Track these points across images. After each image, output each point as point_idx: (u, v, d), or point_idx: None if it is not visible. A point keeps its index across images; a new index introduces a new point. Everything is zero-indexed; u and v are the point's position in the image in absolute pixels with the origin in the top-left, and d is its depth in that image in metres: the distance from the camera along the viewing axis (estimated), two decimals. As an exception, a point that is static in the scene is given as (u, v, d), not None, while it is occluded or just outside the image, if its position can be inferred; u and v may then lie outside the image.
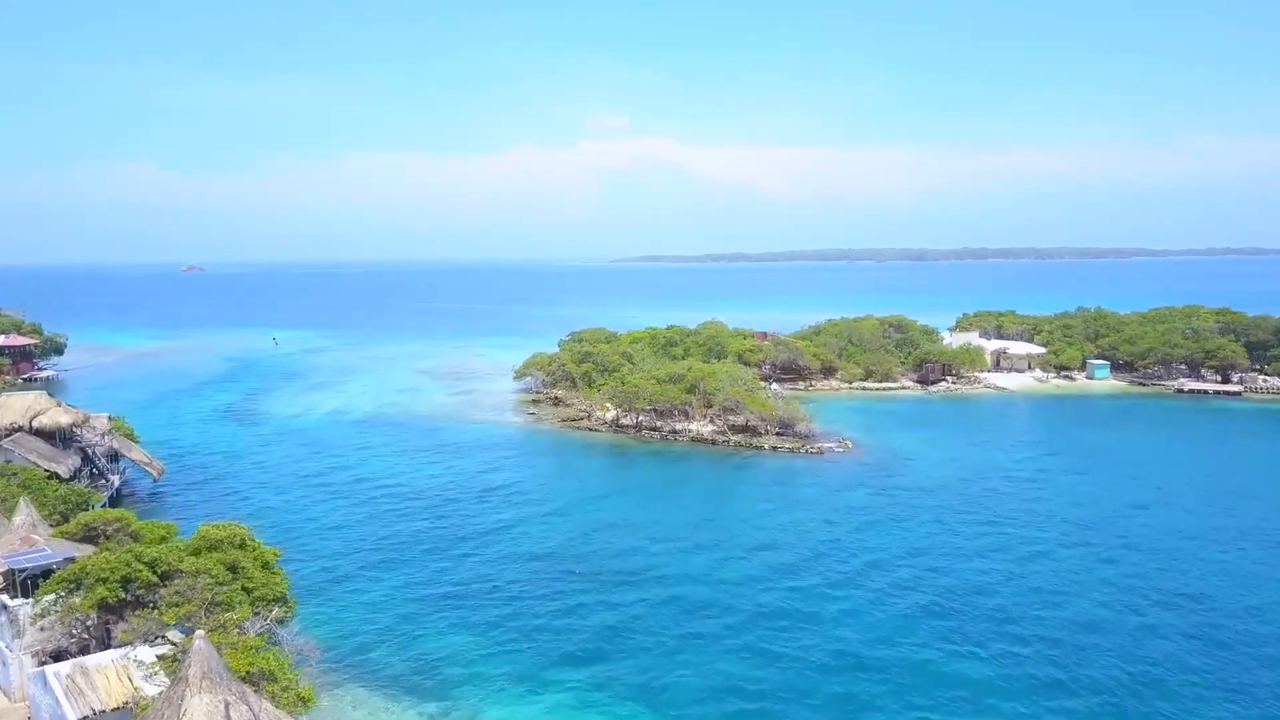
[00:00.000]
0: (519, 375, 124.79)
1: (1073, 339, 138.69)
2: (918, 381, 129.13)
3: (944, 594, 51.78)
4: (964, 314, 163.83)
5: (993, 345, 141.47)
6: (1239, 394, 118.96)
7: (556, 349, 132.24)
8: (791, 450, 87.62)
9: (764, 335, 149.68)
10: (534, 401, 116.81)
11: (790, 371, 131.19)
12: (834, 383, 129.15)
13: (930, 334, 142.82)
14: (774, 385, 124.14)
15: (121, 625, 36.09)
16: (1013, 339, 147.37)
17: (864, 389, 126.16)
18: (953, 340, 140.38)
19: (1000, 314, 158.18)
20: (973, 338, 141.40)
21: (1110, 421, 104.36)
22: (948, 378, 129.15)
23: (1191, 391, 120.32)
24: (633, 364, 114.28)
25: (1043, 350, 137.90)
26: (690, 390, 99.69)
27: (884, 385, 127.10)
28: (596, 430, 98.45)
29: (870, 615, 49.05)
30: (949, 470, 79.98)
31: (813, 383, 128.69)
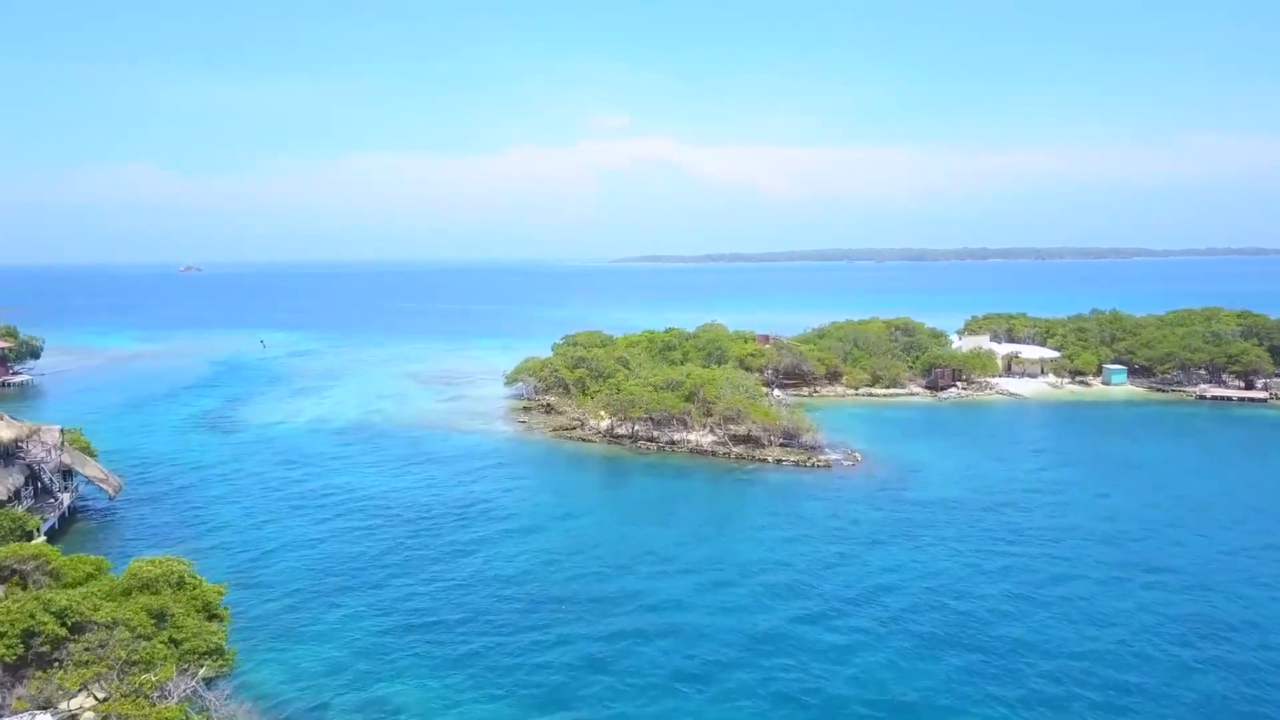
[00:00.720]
0: (510, 381, 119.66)
1: (1088, 343, 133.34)
2: (927, 387, 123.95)
3: (963, 625, 46.86)
4: (973, 316, 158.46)
5: (1004, 349, 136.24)
6: (1264, 401, 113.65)
7: (550, 353, 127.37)
8: (796, 463, 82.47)
9: (765, 338, 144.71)
10: (525, 409, 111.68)
11: (793, 377, 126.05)
12: (839, 388, 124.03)
13: (938, 337, 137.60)
14: (776, 391, 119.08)
15: (18, 690, 30.95)
16: (1024, 343, 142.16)
17: (870, 395, 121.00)
18: (962, 344, 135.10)
19: (1011, 316, 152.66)
20: (983, 341, 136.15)
21: (1131, 430, 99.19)
22: (958, 383, 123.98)
23: (1214, 398, 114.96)
24: (629, 370, 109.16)
25: (1056, 354, 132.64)
26: (689, 398, 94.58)
27: (891, 391, 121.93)
28: (589, 440, 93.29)
29: (882, 651, 44.06)
30: (963, 484, 74.91)
31: (817, 389, 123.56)
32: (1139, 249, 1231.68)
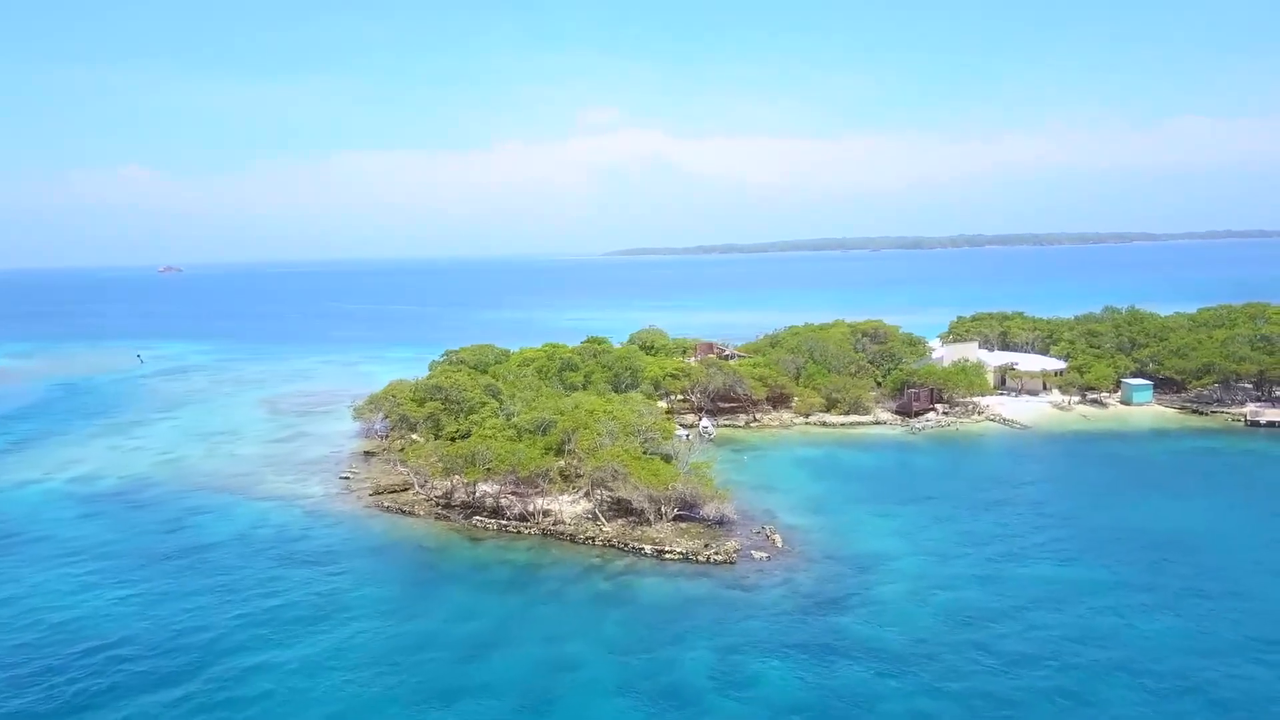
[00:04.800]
0: (358, 415, 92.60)
1: (1101, 350, 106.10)
2: (898, 412, 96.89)
3: None
4: (959, 317, 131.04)
5: (996, 359, 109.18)
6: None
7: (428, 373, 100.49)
8: (686, 556, 55.72)
9: (709, 347, 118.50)
10: (366, 454, 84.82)
11: (730, 400, 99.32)
12: (787, 415, 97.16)
13: (916, 345, 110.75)
14: (704, 422, 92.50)
15: None
16: (1022, 350, 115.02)
17: (824, 424, 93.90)
18: (945, 354, 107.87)
19: (1006, 316, 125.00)
20: (971, 350, 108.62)
21: (1179, 479, 72.03)
22: (937, 406, 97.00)
23: (1270, 425, 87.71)
24: (499, 402, 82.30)
25: (1062, 365, 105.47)
26: (559, 449, 67.98)
27: (852, 419, 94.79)
28: (412, 513, 66.39)
29: None
30: (939, 604, 48.13)
31: (758, 416, 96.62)
32: (1139, 233, 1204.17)
